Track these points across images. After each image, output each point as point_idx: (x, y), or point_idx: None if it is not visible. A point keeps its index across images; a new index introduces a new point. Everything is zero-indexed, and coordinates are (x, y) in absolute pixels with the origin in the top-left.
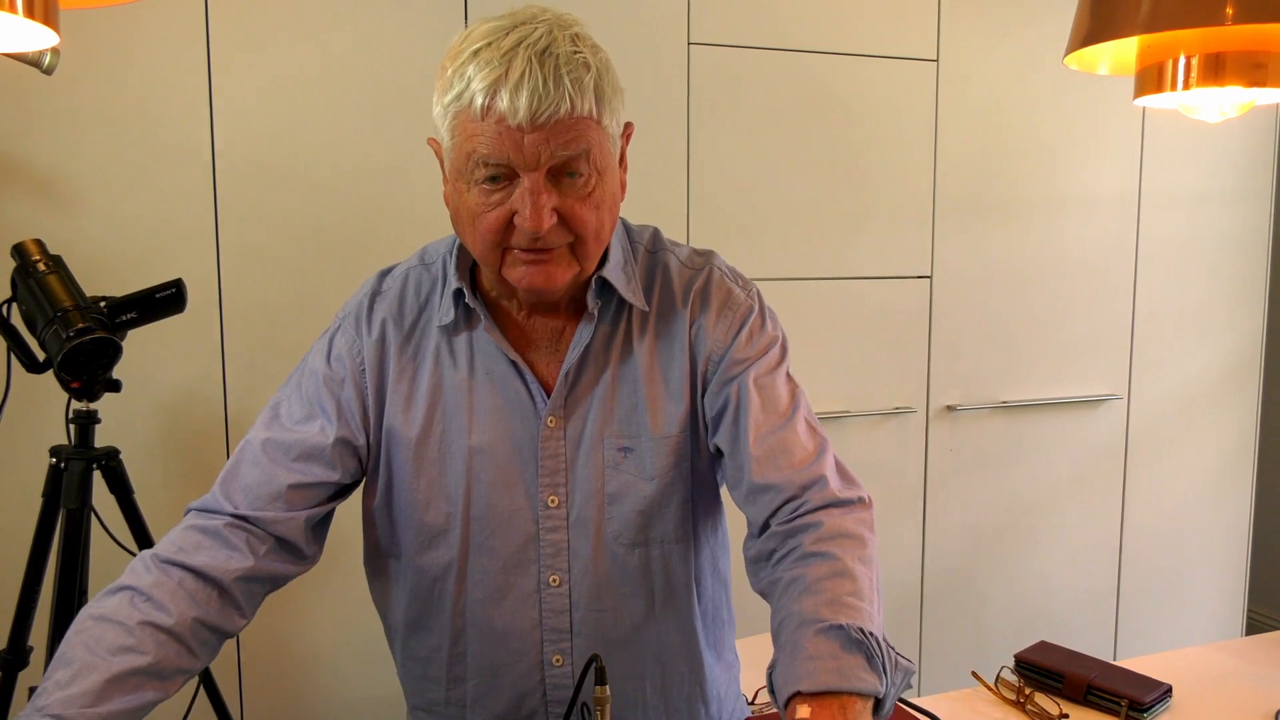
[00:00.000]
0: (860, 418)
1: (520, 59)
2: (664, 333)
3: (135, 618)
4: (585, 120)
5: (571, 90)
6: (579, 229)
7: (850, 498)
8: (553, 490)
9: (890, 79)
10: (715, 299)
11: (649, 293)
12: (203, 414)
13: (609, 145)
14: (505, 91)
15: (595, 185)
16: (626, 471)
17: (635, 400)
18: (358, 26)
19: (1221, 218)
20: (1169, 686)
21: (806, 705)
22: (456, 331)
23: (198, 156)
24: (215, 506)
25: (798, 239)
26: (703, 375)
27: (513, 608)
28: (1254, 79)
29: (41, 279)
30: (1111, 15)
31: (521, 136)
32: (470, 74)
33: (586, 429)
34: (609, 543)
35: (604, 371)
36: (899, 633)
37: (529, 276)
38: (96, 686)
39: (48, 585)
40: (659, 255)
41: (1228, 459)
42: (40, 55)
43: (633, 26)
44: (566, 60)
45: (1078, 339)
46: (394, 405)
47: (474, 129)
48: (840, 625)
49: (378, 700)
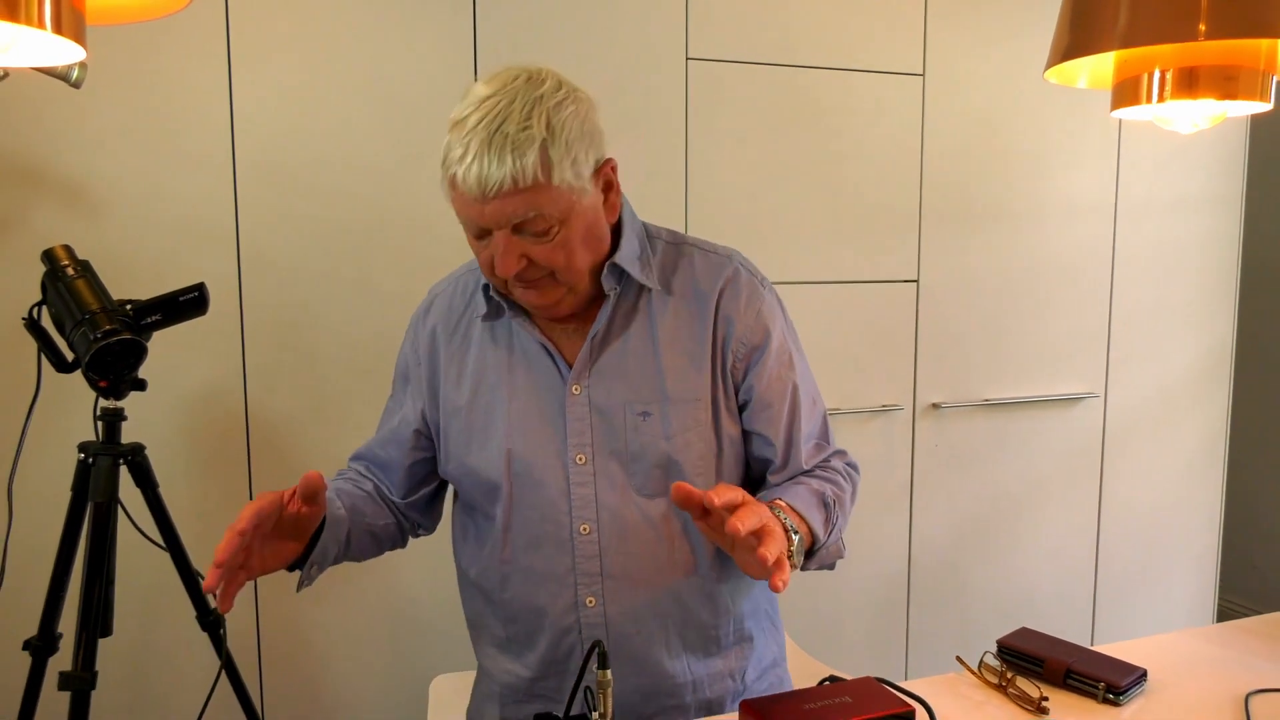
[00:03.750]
0: (850, 415)
1: (476, 139)
2: (688, 310)
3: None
4: (530, 189)
5: (513, 167)
6: (550, 266)
7: (843, 450)
8: (580, 449)
9: (879, 92)
10: (744, 291)
11: (671, 277)
12: (224, 411)
13: (567, 197)
14: (461, 170)
15: (558, 232)
16: (646, 432)
17: (655, 369)
18: (371, 40)
19: (1194, 224)
20: (1144, 671)
21: (783, 506)
22: (493, 319)
23: (219, 165)
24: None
25: (791, 244)
26: (734, 354)
27: (550, 554)
28: (1226, 91)
29: (70, 283)
30: (1090, 31)
31: (481, 206)
32: (450, 145)
33: (608, 396)
34: (633, 494)
35: (623, 345)
36: (887, 619)
37: (527, 298)
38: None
39: (76, 575)
40: (682, 247)
41: (1200, 454)
42: (68, 69)
43: (634, 43)
44: (513, 139)
45: (1057, 340)
46: (448, 383)
47: (454, 195)
48: (822, 493)
49: (396, 690)
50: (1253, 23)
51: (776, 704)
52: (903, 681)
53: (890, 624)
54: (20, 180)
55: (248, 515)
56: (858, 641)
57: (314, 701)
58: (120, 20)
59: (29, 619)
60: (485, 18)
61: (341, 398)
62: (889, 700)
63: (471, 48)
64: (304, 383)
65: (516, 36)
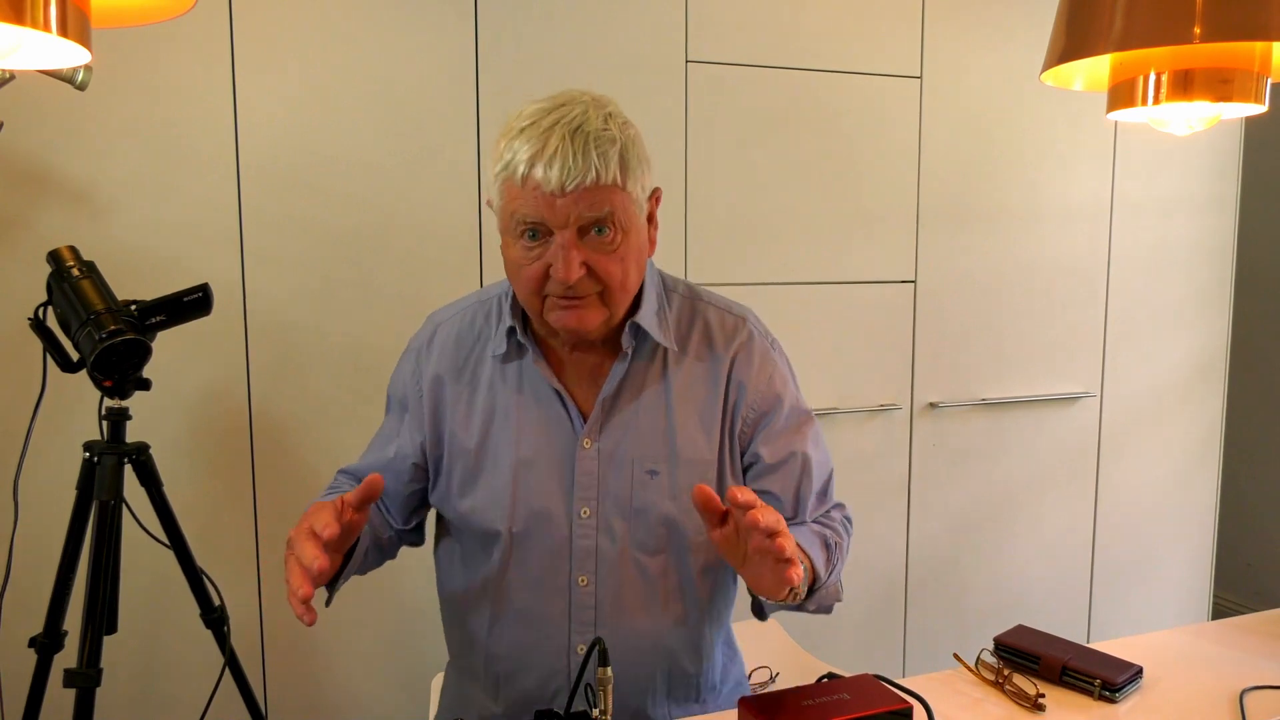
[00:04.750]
0: (848, 414)
1: (555, 136)
2: (701, 372)
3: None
4: (610, 187)
5: (598, 162)
6: (606, 279)
7: (843, 504)
8: (585, 502)
9: (876, 94)
10: (757, 357)
11: (687, 336)
12: (228, 411)
13: (633, 208)
14: (541, 164)
15: (620, 242)
16: (652, 490)
17: (665, 427)
18: (374, 43)
19: (1189, 225)
20: (1140, 668)
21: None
22: (508, 360)
23: (223, 167)
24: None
25: (789, 245)
26: (743, 419)
27: (546, 599)
28: (1220, 94)
29: (75, 283)
30: (1086, 34)
31: (554, 200)
32: (516, 148)
33: (617, 451)
34: (633, 550)
35: (636, 402)
36: (885, 617)
37: (564, 319)
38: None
39: (81, 573)
40: (697, 304)
41: (1195, 453)
42: (74, 72)
43: (635, 46)
44: (596, 136)
45: (1053, 340)
46: (454, 420)
47: (516, 194)
48: (824, 536)
49: (399, 686)
50: (1247, 25)
51: (775, 701)
52: (900, 679)
53: (888, 622)
54: (26, 182)
55: (328, 524)
56: (856, 639)
57: (317, 698)
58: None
59: (35, 617)
60: (486, 20)
61: (345, 397)
62: (887, 697)
63: (473, 49)
64: (307, 382)
65: (518, 39)
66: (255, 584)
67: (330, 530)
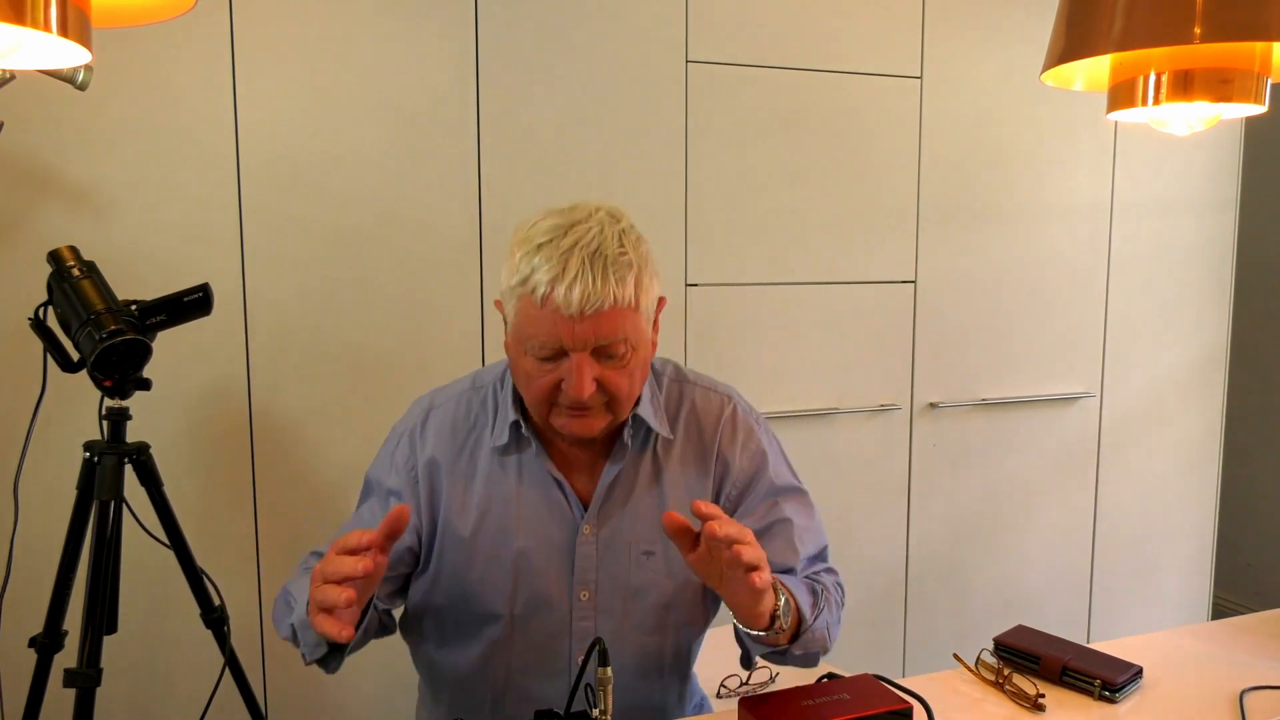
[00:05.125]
0: (848, 414)
1: (575, 259)
2: (691, 454)
3: None
4: (625, 310)
5: (616, 288)
6: (614, 392)
7: (835, 570)
8: (584, 586)
9: (877, 95)
10: (741, 432)
11: (675, 419)
12: (228, 411)
13: (643, 324)
14: (562, 287)
15: (630, 358)
16: (649, 570)
17: (661, 510)
18: (374, 44)
19: (1189, 225)
20: (1140, 668)
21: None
22: (507, 453)
23: (223, 167)
24: None
25: (789, 245)
26: (730, 497)
27: (548, 678)
28: (1220, 94)
29: (76, 283)
30: (1086, 34)
31: (573, 325)
32: (536, 264)
33: (616, 536)
34: (631, 630)
35: (633, 488)
36: (885, 617)
37: (571, 426)
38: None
39: (81, 573)
40: (684, 386)
41: (1194, 453)
42: (74, 72)
43: (635, 46)
44: (613, 261)
45: (1053, 340)
46: (450, 509)
47: (534, 314)
48: (812, 585)
49: (399, 686)
50: (1247, 26)
51: (775, 701)
52: (900, 679)
53: (888, 622)
54: (26, 182)
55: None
56: (856, 639)
57: (317, 698)
58: (126, 23)
59: (35, 617)
60: (486, 20)
61: (345, 397)
62: (887, 697)
63: (473, 50)
64: (307, 383)
65: (518, 40)
66: (255, 584)
67: (364, 566)
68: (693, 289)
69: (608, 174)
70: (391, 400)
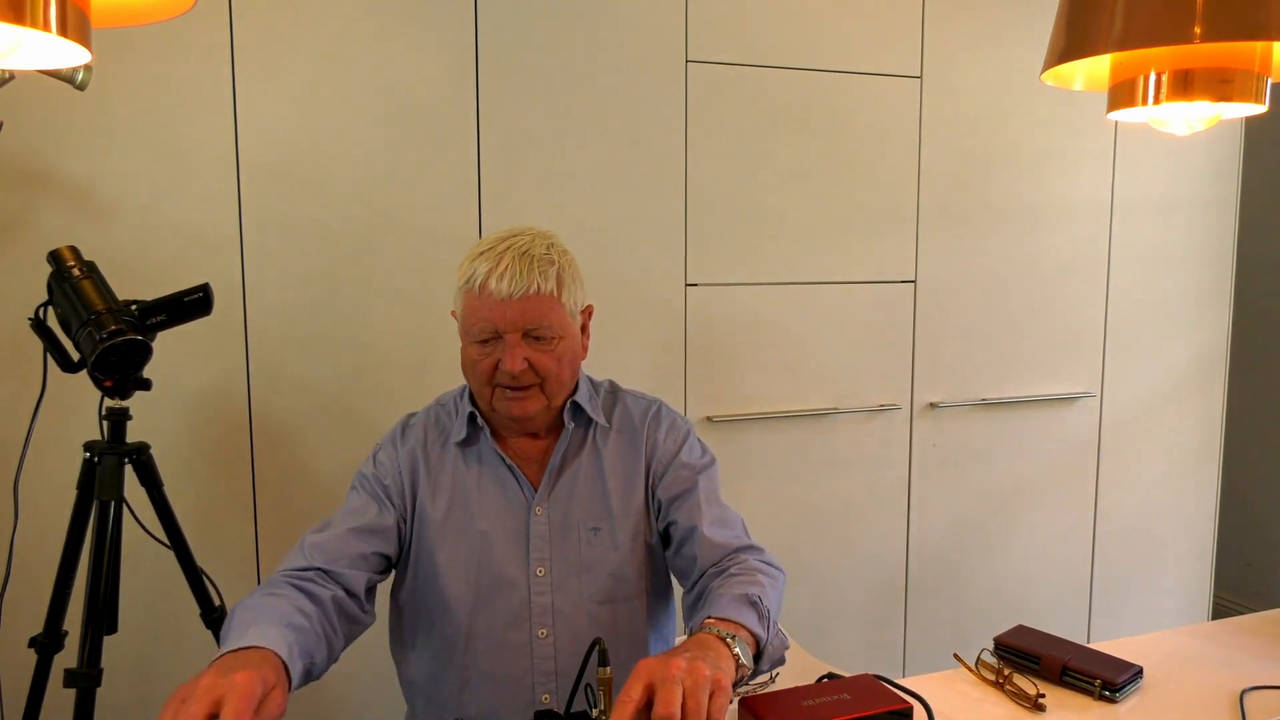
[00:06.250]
0: (848, 414)
1: (508, 256)
2: (625, 442)
3: (287, 595)
4: (548, 298)
5: (539, 279)
6: (544, 373)
7: (759, 546)
8: (540, 563)
9: (877, 94)
10: (664, 423)
11: (611, 414)
12: (228, 410)
13: (567, 318)
14: (494, 277)
15: (558, 345)
16: (597, 545)
17: (602, 491)
18: (375, 43)
19: (1189, 225)
20: (1140, 668)
21: (713, 621)
22: (469, 445)
23: (223, 167)
24: (302, 564)
25: (789, 245)
26: (656, 474)
27: (509, 659)
28: (1220, 94)
29: (76, 284)
30: (1086, 34)
31: (504, 308)
32: (476, 266)
33: (564, 515)
34: (585, 601)
35: (577, 472)
36: (885, 617)
37: (509, 406)
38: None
39: (81, 573)
40: (619, 394)
41: (1195, 453)
42: (74, 72)
43: (636, 46)
44: (539, 258)
45: (1053, 340)
46: (424, 496)
47: (474, 304)
48: (745, 593)
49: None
50: (1247, 25)
51: (775, 701)
52: (901, 679)
53: (888, 622)
54: (26, 182)
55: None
56: (856, 639)
57: (317, 698)
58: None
59: (35, 617)
60: (486, 20)
61: (345, 397)
62: (887, 697)
63: (473, 51)
64: (307, 383)
65: (518, 40)
66: (255, 584)
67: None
68: (693, 289)
69: (607, 174)
70: (391, 400)
